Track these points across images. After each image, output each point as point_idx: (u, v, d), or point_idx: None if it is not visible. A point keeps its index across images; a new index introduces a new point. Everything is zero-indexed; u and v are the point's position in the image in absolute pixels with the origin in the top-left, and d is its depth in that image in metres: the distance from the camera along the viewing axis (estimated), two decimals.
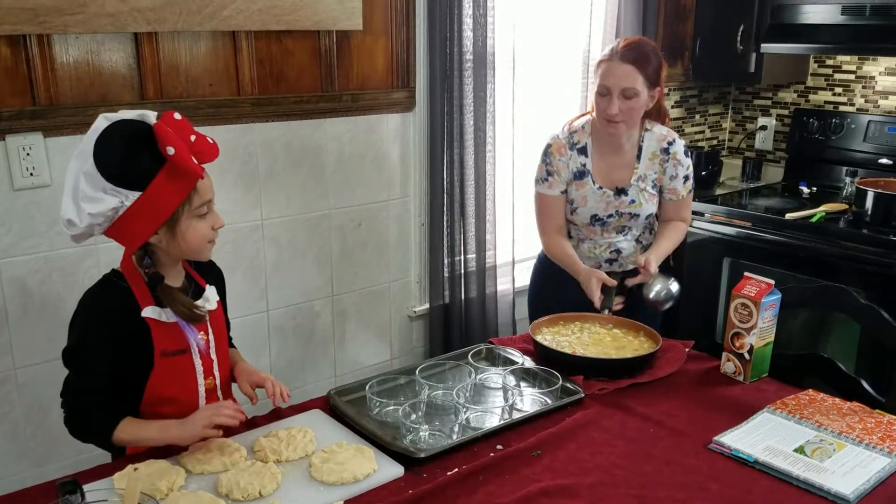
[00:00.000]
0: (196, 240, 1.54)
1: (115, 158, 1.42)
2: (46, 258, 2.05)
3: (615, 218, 2.22)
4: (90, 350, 1.52)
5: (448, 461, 1.49)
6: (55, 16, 1.88)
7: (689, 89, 3.66)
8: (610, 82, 2.08)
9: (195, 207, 1.50)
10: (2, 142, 1.94)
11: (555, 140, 2.23)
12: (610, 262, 2.29)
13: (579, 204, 2.21)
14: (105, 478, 1.41)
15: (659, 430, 1.62)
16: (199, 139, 1.50)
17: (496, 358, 1.92)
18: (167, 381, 1.56)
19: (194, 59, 2.18)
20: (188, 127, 1.49)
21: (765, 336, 1.82)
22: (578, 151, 2.21)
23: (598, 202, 2.21)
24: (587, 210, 2.21)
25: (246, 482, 1.37)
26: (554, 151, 2.22)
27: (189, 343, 1.57)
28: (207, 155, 1.51)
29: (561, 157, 2.21)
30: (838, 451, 1.51)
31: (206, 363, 1.62)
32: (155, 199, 1.44)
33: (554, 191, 2.23)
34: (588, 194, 2.20)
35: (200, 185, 1.50)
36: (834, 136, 3.34)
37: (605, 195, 2.20)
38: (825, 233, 2.83)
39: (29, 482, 1.66)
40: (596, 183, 2.20)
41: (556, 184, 2.22)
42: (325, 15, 2.32)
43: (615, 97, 2.07)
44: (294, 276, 2.54)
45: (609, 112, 2.08)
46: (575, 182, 2.21)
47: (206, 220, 1.54)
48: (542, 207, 2.28)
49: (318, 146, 2.49)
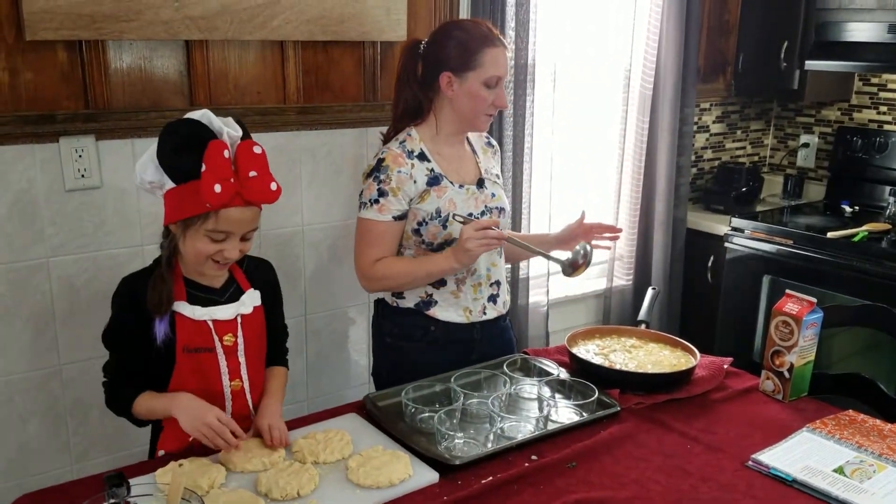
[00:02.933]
0: (192, 253, 1.55)
1: (167, 146, 1.50)
2: (95, 258, 2.11)
3: (488, 215, 1.98)
4: (123, 330, 1.60)
5: (483, 469, 1.50)
6: (111, 22, 1.94)
7: (731, 105, 3.64)
8: (500, 70, 1.89)
9: (208, 228, 1.51)
10: (56, 143, 2.00)
11: (387, 152, 1.91)
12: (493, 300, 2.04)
13: (449, 209, 1.92)
14: (147, 474, 1.45)
15: (696, 447, 1.61)
16: (259, 179, 1.50)
17: (531, 368, 1.92)
18: (189, 377, 1.60)
19: (243, 67, 2.22)
20: (257, 164, 1.50)
21: (805, 355, 1.81)
22: (419, 158, 1.92)
23: (467, 200, 1.95)
24: (460, 212, 1.93)
25: (285, 482, 1.39)
26: (390, 163, 1.88)
27: (214, 342, 1.60)
28: (256, 196, 1.52)
29: (400, 168, 1.88)
30: (878, 472, 1.49)
31: (233, 364, 1.63)
32: (180, 196, 1.51)
33: (385, 216, 1.89)
34: (453, 196, 1.93)
35: (224, 214, 1.50)
36: (878, 154, 3.30)
37: (470, 191, 1.96)
38: (867, 252, 2.79)
39: (70, 476, 1.71)
40: (454, 182, 1.95)
41: (388, 207, 1.89)
42: (372, 26, 2.35)
43: (503, 87, 1.92)
44: (332, 282, 2.57)
45: (503, 103, 1.93)
46: (433, 189, 1.91)
47: (216, 244, 1.54)
48: (372, 238, 1.91)
49: (360, 154, 2.52)
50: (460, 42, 1.89)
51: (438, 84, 1.92)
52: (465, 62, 1.88)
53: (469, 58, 1.87)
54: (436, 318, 1.98)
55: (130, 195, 2.13)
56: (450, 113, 1.95)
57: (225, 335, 1.62)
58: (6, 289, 2.01)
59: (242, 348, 1.64)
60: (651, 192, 3.25)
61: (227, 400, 1.64)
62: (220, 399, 1.63)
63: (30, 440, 2.12)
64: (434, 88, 1.94)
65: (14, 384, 2.07)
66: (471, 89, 1.89)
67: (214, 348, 1.61)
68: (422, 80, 1.96)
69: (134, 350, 1.59)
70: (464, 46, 1.88)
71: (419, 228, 1.93)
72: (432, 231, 1.93)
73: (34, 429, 2.12)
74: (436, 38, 1.94)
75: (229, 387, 1.64)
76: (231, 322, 1.62)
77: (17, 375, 2.07)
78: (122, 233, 2.14)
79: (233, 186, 1.47)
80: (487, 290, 2.03)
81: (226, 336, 1.62)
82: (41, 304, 2.06)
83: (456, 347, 2.00)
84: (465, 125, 1.98)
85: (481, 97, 1.90)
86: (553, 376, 1.86)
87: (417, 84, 1.97)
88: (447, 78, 1.90)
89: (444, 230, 1.93)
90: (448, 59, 1.90)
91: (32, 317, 2.06)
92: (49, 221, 2.03)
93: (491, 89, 1.90)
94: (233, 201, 1.49)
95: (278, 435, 1.54)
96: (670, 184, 3.21)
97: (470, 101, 1.91)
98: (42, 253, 2.04)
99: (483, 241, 1.80)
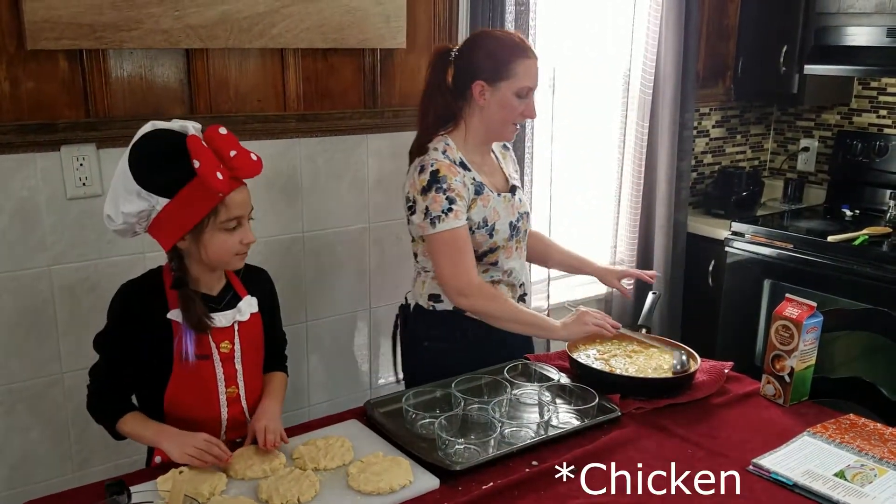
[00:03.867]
0: (218, 252, 1.56)
1: (146, 165, 1.49)
2: (96, 266, 2.11)
3: (521, 221, 2.03)
4: (115, 338, 1.60)
5: (483, 475, 1.50)
6: (112, 31, 1.95)
7: (731, 109, 3.64)
8: (533, 82, 1.92)
9: (221, 221, 1.53)
10: (57, 152, 2.01)
11: (437, 163, 1.89)
12: (522, 301, 2.09)
13: (494, 219, 1.95)
14: (148, 481, 1.45)
15: (697, 451, 1.61)
16: (241, 155, 1.52)
17: (532, 374, 1.92)
18: (186, 385, 1.60)
19: (243, 75, 2.23)
20: (231, 142, 1.51)
21: (806, 359, 1.81)
22: (461, 167, 1.93)
23: (507, 208, 1.98)
24: (504, 221, 1.97)
25: (285, 489, 1.40)
26: (446, 173, 1.88)
27: (211, 349, 1.60)
28: (247, 171, 1.53)
29: (455, 176, 1.89)
30: (879, 476, 1.49)
31: (229, 371, 1.64)
32: (181, 208, 1.50)
33: (461, 220, 1.88)
34: (496, 205, 1.96)
35: (229, 200, 1.52)
36: (878, 158, 3.30)
37: (507, 199, 1.99)
38: (868, 256, 2.79)
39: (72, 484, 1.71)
40: (494, 191, 1.98)
41: (461, 212, 1.88)
42: (372, 34, 2.36)
43: (533, 98, 1.94)
44: (332, 289, 2.57)
45: (533, 113, 1.95)
46: (479, 199, 1.93)
47: (233, 234, 1.55)
48: (459, 248, 1.88)
49: (360, 161, 2.52)
50: (494, 52, 1.90)
51: (470, 92, 1.93)
52: (498, 72, 1.89)
53: (502, 68, 1.89)
54: (472, 319, 1.99)
55: None
56: (478, 122, 1.97)
57: (222, 342, 1.62)
58: (8, 297, 2.01)
59: (239, 355, 1.65)
60: (651, 196, 3.25)
61: (222, 406, 1.64)
62: (216, 405, 1.64)
63: (32, 448, 2.12)
64: (465, 97, 1.95)
65: (16, 393, 2.07)
66: (503, 99, 1.91)
67: (211, 355, 1.61)
68: (453, 88, 1.97)
69: (126, 357, 1.60)
70: (497, 56, 1.90)
71: None
72: (478, 240, 1.95)
73: (36, 437, 2.12)
74: (469, 47, 1.96)
75: (225, 393, 1.64)
76: (228, 329, 1.63)
77: (19, 384, 2.07)
78: (123, 241, 2.13)
79: (225, 171, 1.48)
80: (518, 291, 2.08)
81: (223, 343, 1.62)
82: (43, 312, 2.07)
83: (488, 348, 2.02)
84: (492, 134, 2.00)
85: (512, 107, 1.92)
86: (554, 381, 1.86)
87: (449, 92, 1.97)
88: (480, 87, 1.91)
89: (490, 239, 1.95)
90: (481, 69, 1.91)
91: (34, 325, 2.06)
92: (50, 230, 2.04)
93: (521, 99, 1.92)
94: (231, 185, 1.51)
95: (272, 438, 1.53)
96: (670, 188, 3.21)
97: (500, 110, 1.92)
98: (43, 261, 2.04)
99: (600, 322, 1.90)
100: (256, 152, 1.57)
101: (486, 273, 2.00)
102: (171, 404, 1.62)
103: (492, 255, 1.99)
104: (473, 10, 2.56)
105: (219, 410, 1.64)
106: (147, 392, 1.63)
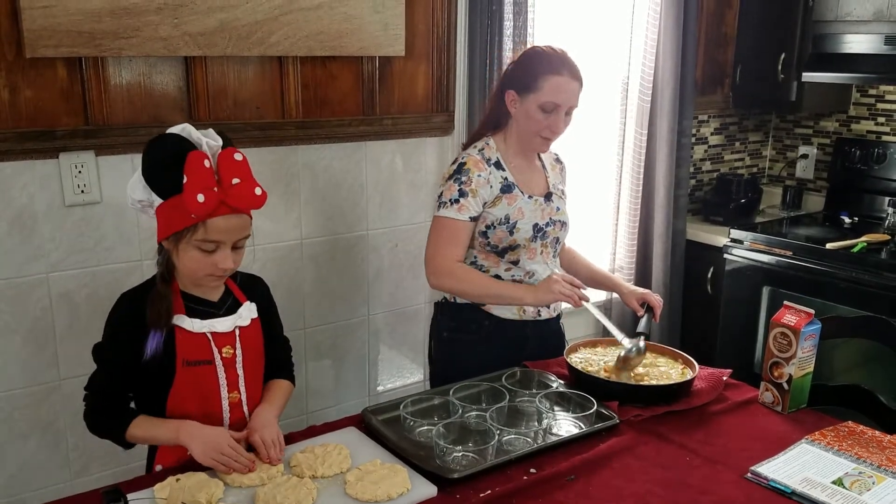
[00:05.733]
0: (189, 267, 1.56)
1: (150, 162, 1.52)
2: (94, 273, 2.11)
3: (552, 227, 2.09)
4: (116, 349, 1.59)
5: (481, 483, 1.50)
6: (110, 39, 1.95)
7: (729, 116, 3.65)
8: (561, 99, 1.97)
9: (197, 239, 1.52)
10: (55, 159, 2.01)
11: (469, 157, 2.02)
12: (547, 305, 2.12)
13: (517, 217, 2.02)
14: (146, 488, 1.44)
15: (695, 459, 1.61)
16: (243, 186, 1.50)
17: (530, 381, 1.92)
18: (189, 391, 1.60)
19: (242, 83, 2.24)
20: (239, 170, 1.51)
21: (804, 366, 1.80)
22: (495, 166, 2.03)
23: (535, 211, 2.05)
24: (527, 221, 2.03)
25: (283, 496, 1.39)
26: (471, 167, 1.99)
27: (213, 355, 1.60)
28: (241, 203, 1.51)
29: (480, 172, 1.99)
30: (878, 483, 1.49)
31: (231, 377, 1.64)
32: (168, 210, 1.52)
33: (464, 215, 1.98)
34: (523, 205, 2.03)
35: (210, 223, 1.50)
36: (876, 165, 3.30)
37: (537, 203, 2.06)
38: (867, 263, 2.79)
39: (69, 491, 1.71)
40: (525, 193, 2.05)
41: (467, 207, 1.98)
42: (370, 41, 2.37)
43: (562, 114, 1.99)
44: (331, 296, 2.57)
45: (558, 130, 2.00)
46: (504, 197, 2.01)
47: (209, 256, 1.54)
48: (450, 235, 1.99)
49: (358, 168, 2.53)
50: (528, 64, 2.00)
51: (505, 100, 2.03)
52: (526, 84, 1.98)
53: (531, 81, 1.97)
54: (490, 313, 2.07)
55: (130, 210, 2.11)
56: (514, 129, 2.06)
57: (224, 347, 1.62)
58: (6, 304, 2.02)
59: (241, 360, 1.65)
60: (650, 203, 3.25)
61: (224, 412, 1.64)
62: (218, 411, 1.64)
63: (30, 455, 2.12)
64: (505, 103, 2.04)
65: (14, 399, 2.07)
66: (528, 111, 1.99)
67: (213, 360, 1.61)
68: (498, 94, 2.08)
69: (125, 367, 1.58)
70: (529, 69, 1.99)
71: (486, 231, 2.03)
72: (499, 235, 2.02)
73: (34, 444, 2.12)
74: (515, 58, 2.08)
75: (227, 399, 1.64)
76: (230, 334, 1.63)
77: (17, 391, 2.07)
78: (121, 248, 2.15)
79: (216, 195, 1.48)
80: None
81: (224, 348, 1.62)
82: (41, 319, 2.07)
83: (508, 344, 2.09)
84: (523, 144, 2.07)
85: (535, 120, 1.98)
86: (552, 389, 1.86)
87: (498, 97, 2.08)
88: (511, 96, 2.01)
89: (510, 236, 2.02)
90: (515, 79, 2.01)
91: (32, 332, 2.06)
92: (49, 237, 2.04)
93: (546, 114, 1.97)
94: (218, 210, 1.49)
95: (274, 454, 1.52)
96: (669, 195, 3.22)
97: (525, 121, 2.00)
98: (42, 268, 2.04)
99: (567, 290, 1.91)
100: (254, 159, 1.57)
101: (508, 272, 2.06)
102: (172, 410, 1.61)
103: (512, 252, 2.04)
104: (472, 19, 2.57)
105: (221, 416, 1.64)
106: (149, 399, 1.62)
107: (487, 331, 2.08)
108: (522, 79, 1.98)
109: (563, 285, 1.91)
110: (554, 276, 1.93)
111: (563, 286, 1.91)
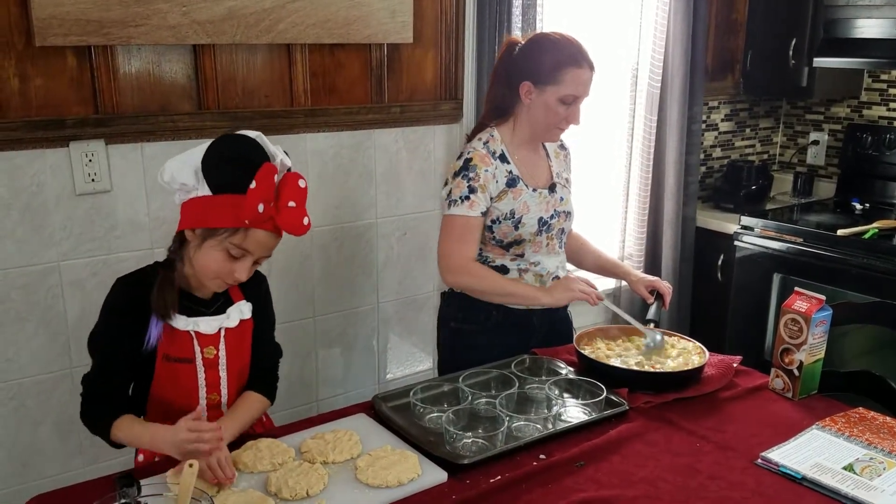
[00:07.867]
0: (205, 264, 1.54)
1: (218, 156, 1.49)
2: (105, 261, 2.12)
3: (556, 218, 2.06)
4: (108, 338, 1.58)
5: (491, 469, 1.50)
6: (119, 28, 1.96)
7: (740, 103, 3.63)
8: (580, 91, 1.94)
9: (232, 242, 1.50)
10: (66, 148, 2.02)
11: (475, 152, 1.98)
12: None
13: (522, 212, 1.99)
14: (158, 474, 1.46)
15: (705, 445, 1.61)
16: (295, 211, 1.49)
17: (540, 368, 1.92)
18: (167, 386, 1.59)
19: (251, 71, 2.24)
20: (298, 196, 1.50)
21: (815, 353, 1.80)
22: (500, 159, 1.99)
23: (539, 204, 2.02)
24: (532, 216, 2.01)
25: (294, 482, 1.40)
26: (478, 162, 1.95)
27: (195, 354, 1.59)
28: (287, 225, 1.50)
29: (486, 167, 1.96)
30: (888, 469, 1.49)
31: (213, 378, 1.62)
32: (214, 206, 1.50)
33: (475, 211, 1.95)
34: (527, 199, 2.00)
35: (252, 233, 1.50)
36: (888, 151, 3.28)
37: (542, 195, 2.03)
38: (878, 249, 2.77)
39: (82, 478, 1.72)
40: (529, 186, 2.02)
41: (478, 203, 1.95)
42: (378, 29, 2.36)
43: (580, 105, 1.97)
44: (341, 284, 2.58)
45: (577, 121, 1.98)
46: (510, 191, 1.99)
47: (230, 262, 1.53)
48: (463, 233, 1.96)
49: (367, 156, 2.53)
50: (546, 55, 1.94)
51: (519, 90, 1.98)
52: (546, 76, 1.93)
53: (551, 73, 1.92)
54: (497, 302, 2.05)
55: (140, 199, 2.14)
56: (525, 120, 2.02)
57: (206, 347, 1.60)
58: (18, 293, 2.03)
59: (224, 362, 1.63)
60: (660, 190, 3.24)
61: (202, 412, 1.56)
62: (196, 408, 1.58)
63: (43, 443, 2.14)
64: (516, 93, 1.99)
65: (26, 388, 2.09)
66: (547, 102, 1.94)
67: (194, 359, 1.59)
68: (507, 82, 2.01)
69: (122, 357, 1.56)
70: (548, 61, 1.93)
71: (492, 226, 2.01)
72: (504, 230, 2.00)
73: (47, 432, 2.14)
74: (526, 46, 1.99)
75: (206, 399, 1.62)
76: (214, 335, 1.61)
77: (29, 379, 2.09)
78: (131, 236, 2.15)
79: (271, 210, 1.48)
80: (549, 282, 2.09)
81: (207, 348, 1.60)
82: (52, 307, 2.08)
83: (516, 333, 2.08)
84: (536, 135, 2.04)
85: (555, 112, 1.95)
86: (561, 376, 1.86)
87: (506, 85, 2.02)
88: (527, 87, 1.96)
89: (515, 231, 2.00)
90: (531, 70, 1.95)
91: (44, 320, 2.08)
92: (60, 225, 2.05)
93: (566, 106, 1.95)
94: (265, 224, 1.49)
95: (222, 476, 1.41)
96: (679, 182, 3.20)
97: (544, 113, 1.96)
98: (53, 257, 2.06)
99: (584, 290, 1.93)
100: None
101: (514, 262, 2.06)
102: (153, 400, 1.62)
103: (517, 247, 2.03)
104: (481, 5, 2.56)
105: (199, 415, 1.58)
106: (136, 386, 1.62)
107: (495, 321, 2.07)
108: (540, 70, 1.93)
109: (580, 284, 1.93)
110: (569, 277, 1.95)
111: (580, 285, 1.93)
